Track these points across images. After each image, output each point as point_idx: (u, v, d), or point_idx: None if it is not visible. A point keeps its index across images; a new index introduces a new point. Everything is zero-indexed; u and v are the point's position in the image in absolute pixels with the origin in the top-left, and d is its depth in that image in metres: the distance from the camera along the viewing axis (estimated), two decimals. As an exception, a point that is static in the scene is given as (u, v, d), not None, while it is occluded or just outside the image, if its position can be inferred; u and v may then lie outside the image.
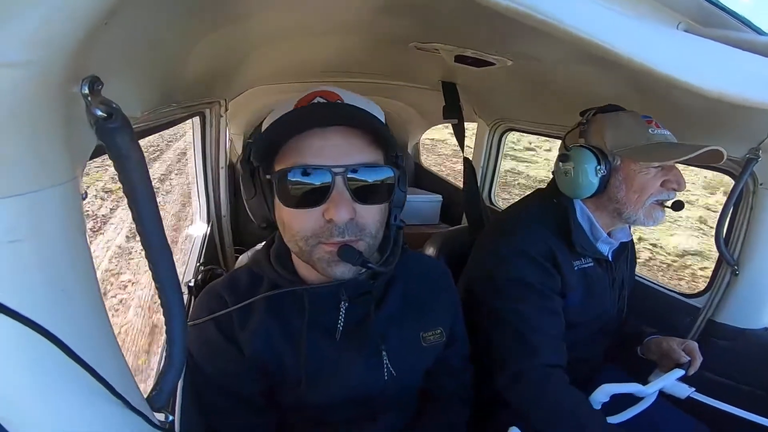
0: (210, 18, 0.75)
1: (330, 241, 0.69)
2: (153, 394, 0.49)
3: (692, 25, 0.60)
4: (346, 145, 0.68)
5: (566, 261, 1.11)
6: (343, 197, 0.67)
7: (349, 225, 0.69)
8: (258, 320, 0.79)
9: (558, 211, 1.15)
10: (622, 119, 1.09)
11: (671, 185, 1.05)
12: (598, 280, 1.17)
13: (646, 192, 1.06)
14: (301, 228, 0.71)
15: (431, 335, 0.89)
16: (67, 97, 0.37)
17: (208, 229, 1.62)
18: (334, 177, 0.67)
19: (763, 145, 1.11)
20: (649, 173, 1.05)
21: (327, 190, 0.68)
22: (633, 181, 1.06)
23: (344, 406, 0.83)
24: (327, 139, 0.68)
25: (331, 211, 0.67)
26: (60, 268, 0.39)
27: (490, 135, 2.20)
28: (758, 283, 1.22)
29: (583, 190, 1.09)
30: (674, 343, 1.11)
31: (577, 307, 1.13)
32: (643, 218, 1.08)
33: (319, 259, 0.72)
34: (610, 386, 0.94)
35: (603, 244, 1.17)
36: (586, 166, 1.06)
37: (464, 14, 0.87)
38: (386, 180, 0.72)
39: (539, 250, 1.09)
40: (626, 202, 1.08)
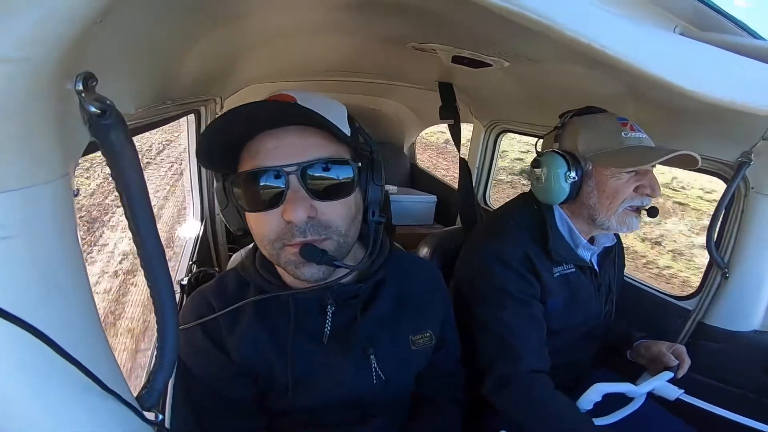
0: (206, 16, 0.75)
1: (292, 242, 0.69)
2: (143, 392, 0.48)
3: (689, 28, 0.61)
4: (300, 143, 0.68)
5: (545, 267, 1.11)
6: (298, 196, 0.67)
7: (310, 224, 0.68)
8: (245, 325, 0.78)
9: (538, 217, 1.15)
10: (596, 122, 1.08)
11: (645, 191, 1.04)
12: (582, 286, 1.16)
13: (619, 198, 1.04)
14: (265, 232, 0.71)
15: (420, 338, 0.88)
16: (60, 93, 0.37)
17: (201, 227, 1.61)
18: (287, 177, 0.66)
19: (755, 149, 1.12)
20: (621, 178, 1.04)
21: (282, 190, 0.67)
22: (605, 187, 1.05)
23: (334, 410, 0.82)
24: (280, 139, 0.68)
25: (288, 211, 0.66)
26: (51, 264, 0.39)
27: (486, 136, 2.20)
28: (748, 286, 1.23)
29: (554, 196, 1.09)
30: (663, 346, 1.11)
31: (559, 313, 1.14)
32: (616, 225, 1.07)
33: (287, 262, 0.71)
34: (602, 385, 0.95)
35: (584, 251, 1.16)
36: (557, 171, 1.06)
37: (462, 15, 0.87)
38: (345, 174, 0.70)
39: (517, 257, 1.09)
40: (599, 208, 1.07)
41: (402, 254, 0.97)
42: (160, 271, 0.45)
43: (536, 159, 1.13)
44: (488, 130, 2.19)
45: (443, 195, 2.82)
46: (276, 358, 0.78)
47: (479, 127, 2.23)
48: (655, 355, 1.11)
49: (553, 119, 1.19)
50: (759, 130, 1.09)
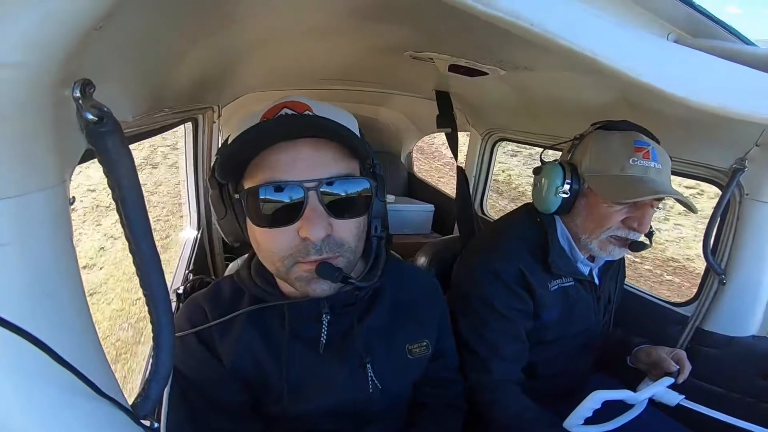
0: (203, 24, 0.75)
1: (307, 259, 0.66)
2: (138, 401, 0.48)
3: (682, 35, 0.62)
4: (318, 157, 0.65)
5: (540, 282, 1.10)
6: (317, 213, 0.64)
7: (326, 241, 0.66)
8: (239, 333, 0.78)
9: (539, 230, 1.14)
10: (610, 142, 1.04)
11: (632, 224, 1.01)
12: (580, 299, 1.16)
13: (604, 225, 1.03)
14: (276, 248, 0.68)
15: (417, 347, 0.87)
16: (57, 99, 0.37)
17: (198, 235, 1.61)
18: (306, 192, 0.64)
19: (749, 156, 1.13)
20: (612, 207, 1.01)
21: (300, 207, 0.64)
22: (594, 210, 1.04)
23: (330, 418, 0.82)
24: (297, 151, 0.64)
25: (306, 229, 0.64)
26: (46, 272, 0.39)
27: (483, 145, 2.22)
28: (745, 292, 1.24)
29: (546, 205, 1.09)
30: (663, 352, 1.11)
31: (555, 325, 1.14)
32: (596, 249, 1.06)
33: (298, 278, 0.69)
34: (601, 393, 0.94)
35: (583, 265, 1.16)
36: (551, 182, 1.06)
37: (458, 24, 0.88)
38: (363, 192, 0.68)
39: (509, 271, 1.09)
40: (582, 228, 1.07)
41: (399, 263, 0.97)
42: (155, 279, 0.45)
43: (538, 167, 1.12)
44: (485, 138, 2.20)
45: (441, 204, 2.82)
46: (270, 364, 0.77)
47: (476, 136, 2.24)
48: (655, 361, 1.11)
49: (549, 127, 1.20)
50: (752, 136, 1.10)
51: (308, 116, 0.67)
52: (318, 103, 0.71)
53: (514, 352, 1.10)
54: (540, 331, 1.14)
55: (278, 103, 0.70)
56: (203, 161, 1.55)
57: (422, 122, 2.82)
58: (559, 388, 1.23)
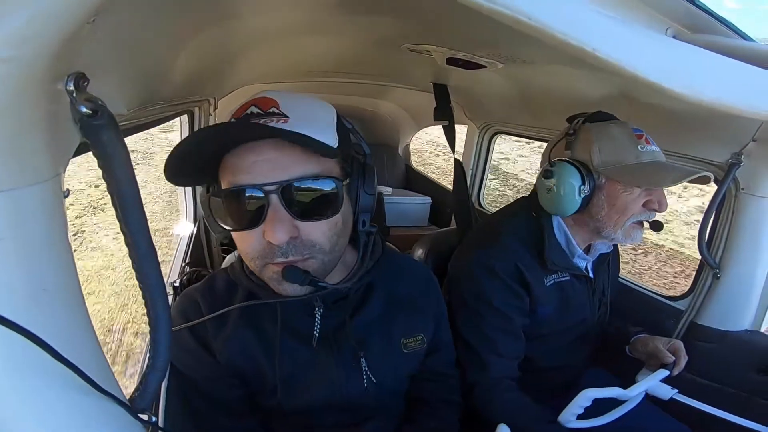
0: (199, 16, 0.74)
1: (274, 262, 0.66)
2: (135, 395, 0.48)
3: (680, 30, 0.61)
4: (281, 158, 0.63)
5: (536, 278, 1.10)
6: (278, 216, 0.63)
7: (292, 245, 0.65)
8: (232, 328, 0.78)
9: (535, 225, 1.14)
10: (612, 133, 1.05)
11: (653, 206, 1.04)
12: (576, 294, 1.17)
13: (628, 213, 1.04)
14: (246, 249, 0.68)
15: (412, 342, 0.87)
16: (51, 93, 0.36)
17: (194, 228, 1.60)
18: (267, 196, 0.63)
19: (746, 150, 1.13)
20: (632, 193, 1.03)
21: (262, 210, 0.64)
22: (616, 201, 1.04)
23: (325, 412, 0.82)
24: (259, 153, 0.63)
25: (269, 233, 0.63)
26: (41, 266, 0.38)
27: (480, 138, 2.21)
28: (739, 286, 1.25)
29: (565, 209, 1.07)
30: (660, 342, 1.12)
31: (549, 320, 1.14)
32: (622, 237, 1.07)
33: (270, 279, 0.69)
34: (591, 391, 0.95)
35: (579, 260, 1.16)
36: (570, 184, 1.03)
37: (456, 16, 0.87)
38: (330, 192, 0.66)
39: (506, 268, 1.09)
40: (607, 221, 1.06)
41: (395, 256, 0.97)
42: (152, 272, 0.45)
43: (547, 169, 1.09)
44: (482, 131, 2.19)
45: (438, 196, 2.83)
46: (264, 358, 0.78)
47: (473, 129, 2.23)
48: (651, 351, 1.12)
49: (547, 121, 1.20)
50: (749, 131, 1.10)
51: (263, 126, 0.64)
52: (288, 96, 0.69)
53: (511, 348, 1.11)
54: (536, 326, 1.14)
55: (247, 101, 0.69)
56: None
57: (420, 115, 2.81)
58: (555, 381, 1.24)
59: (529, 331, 1.14)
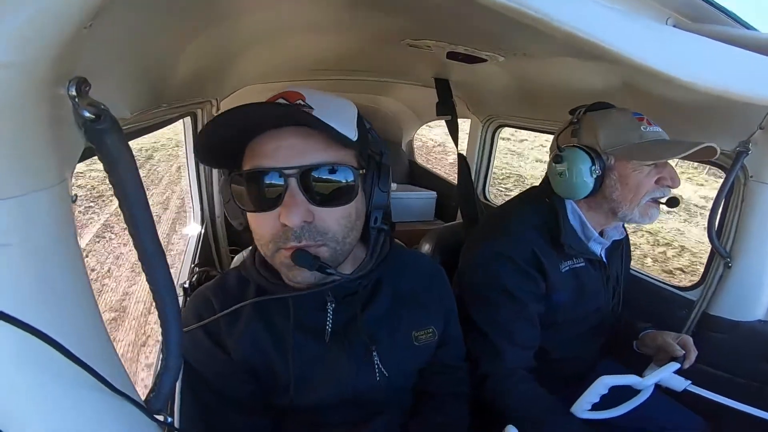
0: (199, 18, 0.75)
1: (286, 246, 0.68)
2: (151, 396, 0.49)
3: (681, 20, 0.61)
4: (302, 145, 0.66)
5: (552, 263, 1.11)
6: (295, 200, 0.65)
7: (306, 229, 0.67)
8: (245, 325, 0.78)
9: (549, 211, 1.14)
10: (614, 117, 1.08)
11: (666, 182, 1.05)
12: (590, 280, 1.17)
13: (642, 190, 1.05)
14: (261, 233, 0.70)
15: (423, 334, 0.88)
16: (53, 98, 0.37)
17: (202, 229, 1.61)
18: (286, 179, 0.65)
19: (753, 138, 1.12)
20: (643, 171, 1.05)
21: (280, 193, 0.66)
22: (628, 180, 1.06)
23: (337, 407, 0.82)
24: (282, 139, 0.66)
25: (284, 215, 0.65)
26: (51, 271, 0.39)
27: (483, 131, 2.20)
28: (751, 276, 1.23)
29: (578, 191, 1.08)
30: (669, 337, 1.12)
31: (565, 306, 1.14)
32: (638, 216, 1.07)
33: (281, 264, 0.71)
34: (608, 378, 0.95)
35: (595, 244, 1.17)
36: (581, 166, 1.06)
37: (456, 10, 0.87)
38: (346, 181, 0.69)
39: (522, 254, 1.09)
40: (621, 201, 1.07)
41: (401, 251, 0.97)
42: (161, 274, 0.45)
43: (558, 155, 1.11)
44: (485, 125, 2.19)
45: (442, 191, 2.82)
46: (277, 355, 0.78)
47: (476, 123, 2.23)
48: (660, 345, 1.12)
49: (549, 113, 1.19)
50: (756, 119, 1.09)
51: (291, 106, 0.67)
52: (313, 92, 0.72)
53: (526, 337, 1.11)
54: (551, 314, 1.14)
55: (275, 94, 0.71)
56: (204, 155, 1.54)
57: (422, 110, 2.80)
58: (568, 372, 1.23)
59: (544, 319, 1.14)
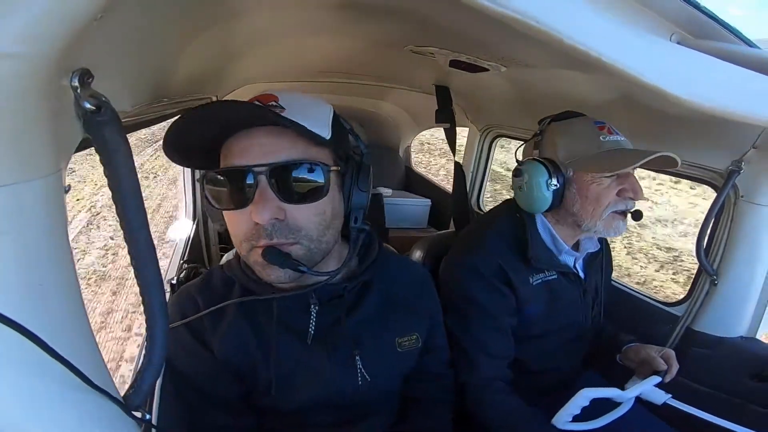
0: (203, 15, 0.74)
1: (258, 243, 0.68)
2: (130, 392, 0.48)
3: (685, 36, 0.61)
4: (273, 143, 0.67)
5: (520, 277, 1.11)
6: (265, 197, 0.66)
7: (277, 226, 0.67)
8: (229, 324, 0.78)
9: (519, 225, 1.15)
10: (573, 127, 1.09)
11: (627, 194, 1.04)
12: (565, 293, 1.17)
13: (602, 203, 1.05)
14: (235, 232, 0.71)
15: (407, 341, 0.88)
16: (55, 89, 0.36)
17: (193, 226, 1.60)
18: (256, 176, 0.66)
19: (746, 158, 1.13)
20: (602, 183, 1.04)
21: (251, 191, 0.66)
22: (587, 193, 1.05)
23: (319, 410, 0.82)
24: (253, 138, 0.67)
25: (254, 212, 0.66)
26: (39, 261, 0.38)
27: (481, 141, 2.21)
28: (736, 293, 1.25)
29: (537, 205, 1.09)
30: (652, 351, 1.12)
31: (539, 319, 1.14)
32: (602, 229, 1.07)
33: (254, 263, 0.71)
34: (589, 391, 0.95)
35: (567, 257, 1.17)
36: (538, 180, 1.06)
37: (459, 19, 0.87)
38: (317, 178, 0.69)
39: (489, 267, 1.10)
40: (582, 214, 1.07)
41: (391, 256, 0.97)
42: (150, 269, 0.45)
43: (517, 168, 1.13)
44: (483, 134, 2.19)
45: (438, 198, 2.83)
46: (259, 355, 0.78)
47: (474, 132, 2.23)
48: (643, 359, 1.12)
49: (547, 125, 1.20)
50: (749, 138, 1.10)
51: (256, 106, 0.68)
52: (288, 93, 0.73)
53: (500, 348, 1.11)
54: (525, 326, 1.14)
55: (252, 97, 0.73)
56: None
57: (421, 117, 2.81)
58: (548, 384, 1.24)
59: (520, 332, 1.14)
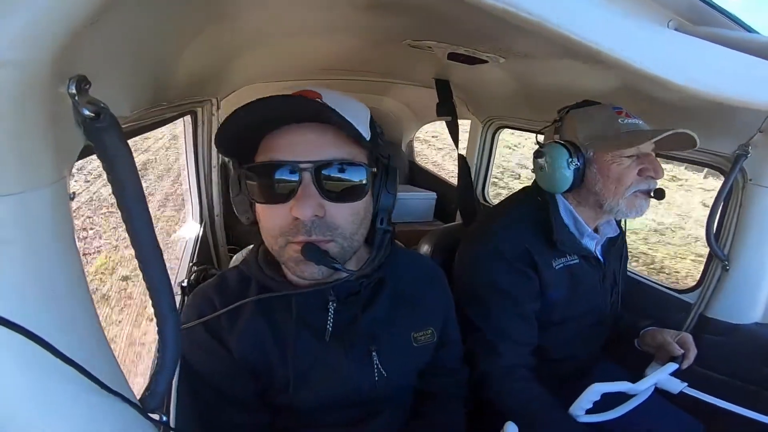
0: (200, 16, 0.75)
1: (296, 239, 0.68)
2: (146, 394, 0.48)
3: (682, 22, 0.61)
4: (318, 141, 0.67)
5: (545, 261, 1.11)
6: (308, 193, 0.66)
7: (316, 223, 0.67)
8: (246, 322, 0.78)
9: (541, 209, 1.15)
10: (592, 112, 1.10)
11: (648, 173, 1.05)
12: (586, 277, 1.17)
13: (624, 182, 1.06)
14: (271, 225, 0.71)
15: (422, 335, 0.88)
16: (53, 96, 0.37)
17: (201, 228, 1.61)
18: (301, 173, 0.66)
19: (753, 141, 1.12)
20: (623, 163, 1.05)
21: (294, 186, 0.67)
22: (608, 172, 1.06)
23: (336, 407, 0.82)
24: (299, 134, 0.67)
25: (296, 208, 0.66)
26: (48, 269, 0.39)
27: (483, 132, 2.20)
28: (748, 278, 1.24)
29: (559, 184, 1.10)
30: (668, 335, 1.12)
31: (560, 304, 1.14)
32: (625, 209, 1.08)
33: (288, 258, 0.71)
34: (600, 386, 0.95)
35: (589, 240, 1.17)
36: (559, 159, 1.08)
37: (456, 12, 0.87)
38: (359, 177, 0.70)
39: (514, 251, 1.10)
40: (605, 193, 1.08)
41: (402, 252, 0.97)
42: (157, 271, 0.45)
43: (539, 150, 1.14)
44: (486, 126, 2.18)
45: (442, 191, 2.82)
46: (277, 353, 0.78)
47: (476, 124, 2.23)
48: (660, 344, 1.12)
49: (550, 114, 1.19)
50: (755, 122, 1.09)
51: (312, 101, 0.68)
52: (329, 91, 0.73)
53: (523, 334, 1.11)
54: (547, 312, 1.14)
55: (294, 92, 0.72)
56: (203, 154, 1.55)
57: (422, 111, 2.80)
58: (567, 372, 1.23)
59: (542, 318, 1.14)
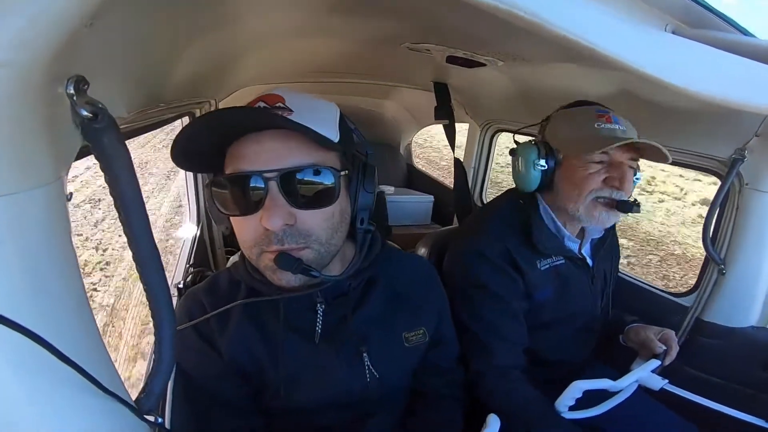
0: (198, 18, 0.75)
1: (269, 249, 0.68)
2: (142, 396, 0.48)
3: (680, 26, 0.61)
4: (283, 148, 0.66)
5: (528, 262, 1.11)
6: (276, 203, 0.65)
7: (288, 232, 0.67)
8: (235, 326, 0.78)
9: (523, 210, 1.16)
10: (574, 114, 1.10)
11: (613, 183, 1.03)
12: (573, 278, 1.16)
13: (585, 187, 1.04)
14: (244, 237, 0.70)
15: (414, 335, 0.88)
16: (51, 97, 0.36)
17: (198, 230, 1.61)
18: (266, 182, 0.65)
19: (749, 146, 1.13)
20: (589, 169, 1.04)
21: (261, 196, 0.66)
22: (573, 177, 1.06)
23: (329, 409, 0.82)
24: (261, 143, 0.66)
25: (265, 219, 0.65)
26: (44, 269, 0.39)
27: (481, 136, 2.21)
28: (744, 282, 1.24)
29: (526, 183, 1.11)
30: (651, 332, 1.11)
31: (549, 305, 1.14)
32: (584, 216, 1.06)
33: (265, 268, 0.71)
34: (581, 383, 0.95)
35: (570, 242, 1.16)
36: (527, 159, 1.09)
37: (454, 14, 0.87)
38: (328, 182, 0.68)
39: (496, 252, 1.10)
40: (566, 197, 1.08)
41: (395, 252, 0.97)
42: (155, 274, 0.45)
43: (512, 149, 1.16)
44: (483, 129, 2.19)
45: (440, 195, 2.82)
46: (267, 356, 0.78)
47: (474, 127, 2.23)
48: (643, 341, 1.12)
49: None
50: (752, 126, 1.10)
51: (267, 111, 0.67)
52: (294, 94, 0.72)
53: (512, 332, 1.11)
54: (536, 312, 1.14)
55: (256, 97, 0.71)
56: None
57: (420, 114, 2.81)
58: (559, 375, 1.23)
59: (530, 319, 1.14)
